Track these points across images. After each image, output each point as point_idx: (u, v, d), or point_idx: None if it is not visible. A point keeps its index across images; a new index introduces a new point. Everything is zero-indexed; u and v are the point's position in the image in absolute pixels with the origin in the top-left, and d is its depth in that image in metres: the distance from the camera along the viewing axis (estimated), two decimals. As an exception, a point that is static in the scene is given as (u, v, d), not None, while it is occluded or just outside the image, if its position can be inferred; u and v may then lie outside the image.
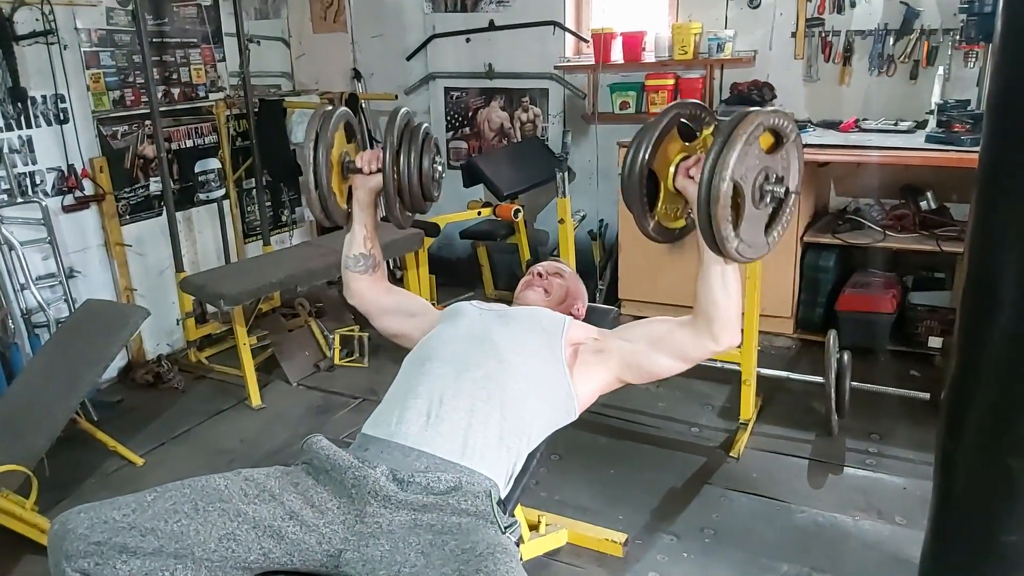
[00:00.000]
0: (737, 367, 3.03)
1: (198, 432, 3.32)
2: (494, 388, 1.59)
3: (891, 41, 3.71)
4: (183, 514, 1.34)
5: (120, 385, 3.76)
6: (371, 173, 1.80)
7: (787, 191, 1.54)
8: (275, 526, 1.38)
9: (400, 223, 1.87)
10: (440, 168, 1.83)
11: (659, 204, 1.63)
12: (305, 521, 1.40)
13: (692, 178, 1.52)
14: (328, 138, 1.74)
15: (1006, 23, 1.52)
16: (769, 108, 1.53)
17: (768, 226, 1.57)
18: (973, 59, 3.46)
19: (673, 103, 1.63)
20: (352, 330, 3.95)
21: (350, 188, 1.85)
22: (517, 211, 3.93)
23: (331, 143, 1.75)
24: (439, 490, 1.44)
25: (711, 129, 1.63)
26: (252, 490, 1.42)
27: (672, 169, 1.60)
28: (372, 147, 1.86)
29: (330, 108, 1.80)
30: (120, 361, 3.79)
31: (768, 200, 1.51)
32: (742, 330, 1.71)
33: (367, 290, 1.93)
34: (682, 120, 1.62)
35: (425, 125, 1.82)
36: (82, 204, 3.61)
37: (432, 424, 1.53)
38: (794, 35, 3.90)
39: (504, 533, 1.42)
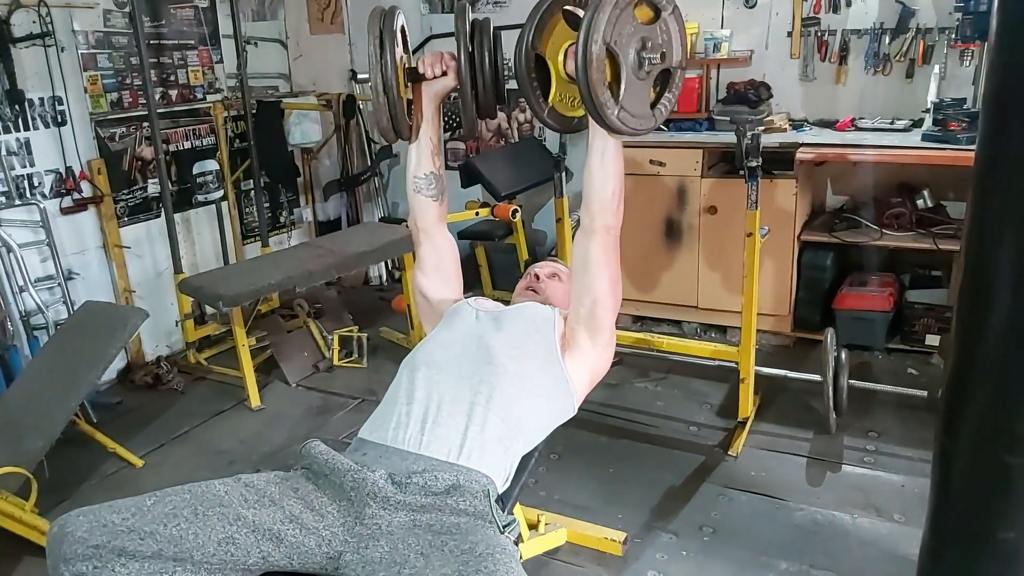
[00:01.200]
0: (735, 365, 3.04)
1: (197, 433, 3.32)
2: (491, 391, 1.59)
3: (887, 40, 3.72)
4: (182, 518, 1.33)
5: (119, 386, 3.76)
6: (435, 77, 1.71)
7: (663, 57, 1.53)
8: (274, 529, 1.37)
9: (473, 129, 1.77)
10: (510, 63, 1.70)
11: (552, 90, 1.66)
12: (305, 524, 1.40)
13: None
14: (394, 35, 1.60)
15: (1001, 21, 1.52)
16: None
17: (655, 101, 1.58)
18: (969, 57, 3.46)
19: None
20: (351, 331, 3.96)
21: (408, 100, 1.72)
22: (515, 211, 3.94)
23: (397, 40, 1.62)
24: (437, 490, 1.44)
25: None
26: (252, 495, 1.42)
27: (561, 56, 1.63)
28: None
29: (385, 8, 1.65)
30: (119, 363, 3.80)
31: (647, 68, 1.52)
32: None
33: (436, 223, 1.85)
34: (568, 9, 1.62)
35: (491, 21, 1.69)
36: (80, 206, 3.61)
37: (429, 429, 1.53)
38: (790, 34, 3.91)
39: (503, 532, 1.43)
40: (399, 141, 1.77)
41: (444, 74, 1.72)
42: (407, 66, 1.71)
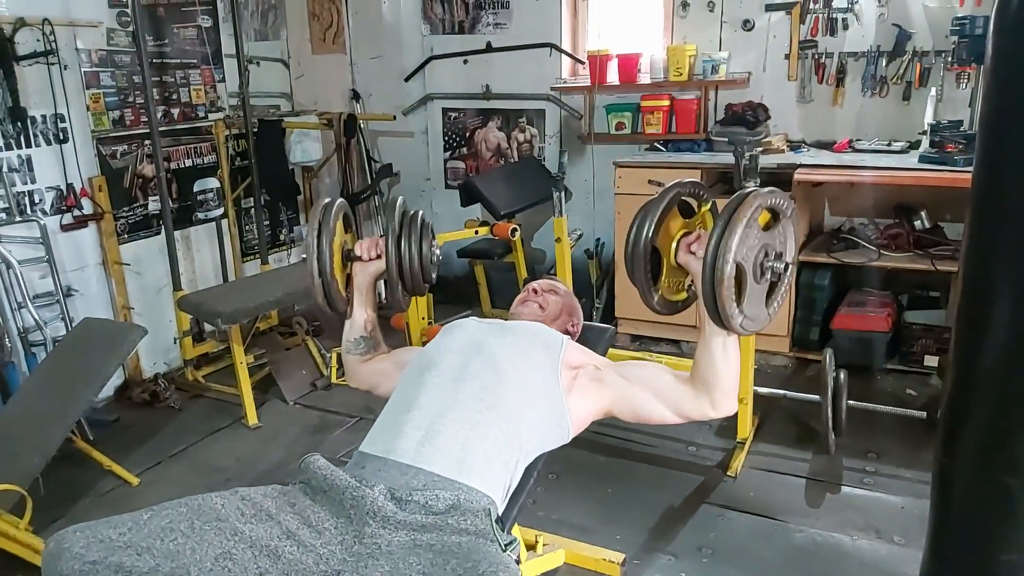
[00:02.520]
0: (734, 386, 3.03)
1: (194, 451, 3.31)
2: (493, 399, 1.59)
3: (884, 63, 3.75)
4: (179, 533, 1.33)
5: (116, 404, 3.74)
6: (371, 259, 1.88)
7: (786, 265, 1.60)
8: (272, 546, 1.37)
9: (401, 305, 1.96)
10: (438, 252, 1.92)
11: (662, 278, 1.69)
12: (302, 541, 1.39)
13: (694, 253, 1.59)
14: (330, 228, 1.81)
15: (996, 45, 1.54)
16: (765, 189, 1.57)
17: (768, 298, 1.62)
18: (965, 80, 3.49)
19: (673, 183, 1.67)
20: (349, 349, 3.95)
21: (348, 275, 1.92)
22: (514, 230, 3.95)
23: (333, 232, 1.82)
24: (438, 509, 1.43)
25: (708, 205, 1.71)
26: (249, 509, 1.41)
27: (674, 245, 1.66)
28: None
29: (328, 200, 1.88)
30: (117, 380, 3.78)
31: (769, 275, 1.57)
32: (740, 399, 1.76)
33: (367, 373, 1.98)
34: (685, 199, 1.68)
35: (421, 212, 1.91)
36: (80, 223, 3.62)
37: (429, 439, 1.53)
38: (788, 57, 3.94)
39: (504, 551, 1.42)
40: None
41: (379, 257, 1.87)
42: (347, 247, 1.91)
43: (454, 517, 1.42)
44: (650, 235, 1.60)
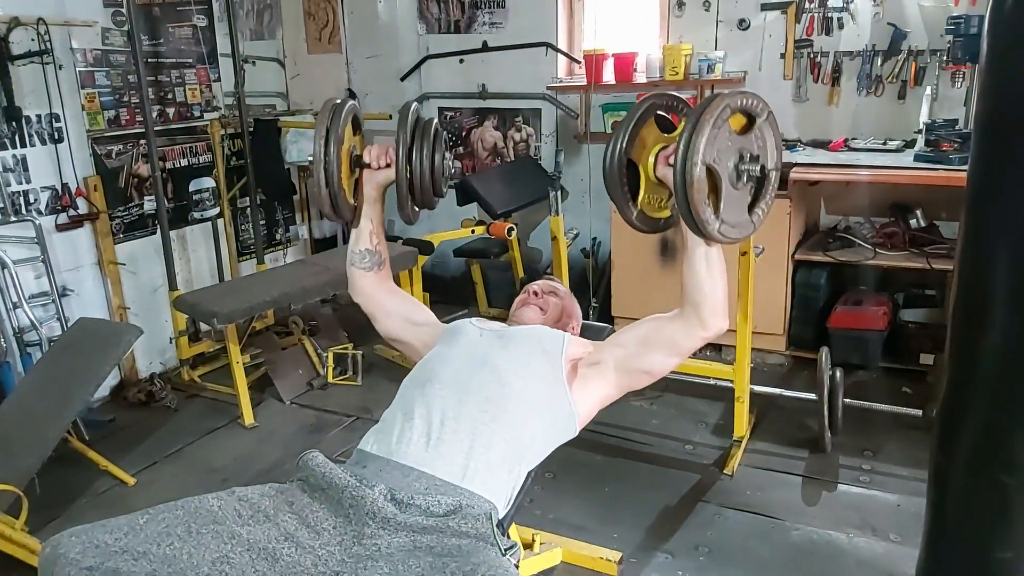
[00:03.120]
0: (730, 384, 3.04)
1: (190, 451, 3.30)
2: (497, 411, 1.58)
3: (879, 62, 3.76)
4: (176, 537, 1.32)
5: (112, 404, 3.74)
6: (380, 168, 1.79)
7: (763, 169, 1.55)
8: (270, 548, 1.36)
9: (409, 219, 1.84)
10: (450, 164, 1.82)
11: (641, 194, 1.66)
12: (301, 542, 1.38)
13: (672, 166, 1.53)
14: (339, 133, 1.71)
15: (991, 44, 1.55)
16: (735, 91, 1.53)
17: (752, 205, 1.59)
18: (960, 79, 3.50)
19: (649, 94, 1.65)
20: (346, 348, 3.95)
21: (356, 182, 1.83)
22: (511, 229, 3.95)
23: (342, 138, 1.72)
24: (438, 512, 1.42)
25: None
26: (246, 511, 1.40)
27: (651, 159, 1.63)
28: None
29: (337, 101, 1.77)
30: (112, 380, 3.78)
31: (746, 180, 1.53)
32: (733, 329, 1.71)
33: (372, 288, 1.91)
34: (659, 112, 1.64)
35: (435, 120, 1.80)
36: (76, 223, 3.61)
37: (433, 445, 1.51)
38: (783, 56, 3.95)
39: (504, 555, 1.41)
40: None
41: (388, 166, 1.79)
42: (355, 153, 1.81)
43: (454, 520, 1.41)
44: (624, 146, 1.57)
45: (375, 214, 1.86)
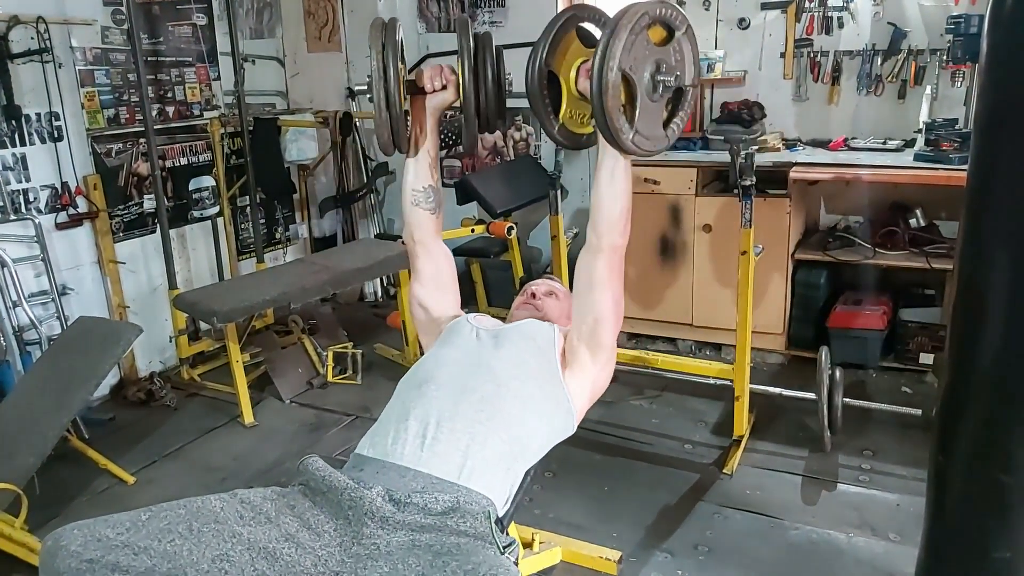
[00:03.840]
0: (730, 383, 3.04)
1: (190, 450, 3.30)
2: (493, 411, 1.58)
3: (879, 61, 3.76)
4: (177, 534, 1.32)
5: (112, 402, 3.74)
6: (435, 91, 1.71)
7: (678, 79, 1.54)
8: (270, 547, 1.36)
9: (473, 143, 1.79)
10: (511, 81, 1.72)
11: (563, 108, 1.65)
12: (301, 543, 1.39)
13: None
14: (397, 48, 1.57)
15: (991, 44, 1.54)
16: (656, 0, 1.51)
17: (668, 120, 1.58)
18: (960, 79, 3.51)
19: (571, 5, 1.66)
20: (345, 347, 3.95)
21: (405, 112, 1.69)
22: (510, 228, 3.95)
23: (400, 53, 1.60)
24: (437, 510, 1.42)
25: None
26: (248, 512, 1.41)
27: (573, 72, 1.62)
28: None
29: (388, 19, 1.63)
30: (112, 378, 3.78)
31: (662, 91, 1.52)
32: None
33: (433, 235, 1.84)
34: (583, 26, 1.64)
35: (491, 35, 1.69)
36: (75, 221, 3.61)
37: (429, 445, 1.52)
38: (783, 55, 3.95)
39: (503, 553, 1.41)
40: (396, 155, 1.76)
41: (444, 88, 1.71)
42: (406, 79, 1.68)
43: (453, 518, 1.41)
44: (544, 56, 1.56)
45: (432, 145, 1.76)
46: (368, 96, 1.59)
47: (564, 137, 1.68)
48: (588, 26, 1.68)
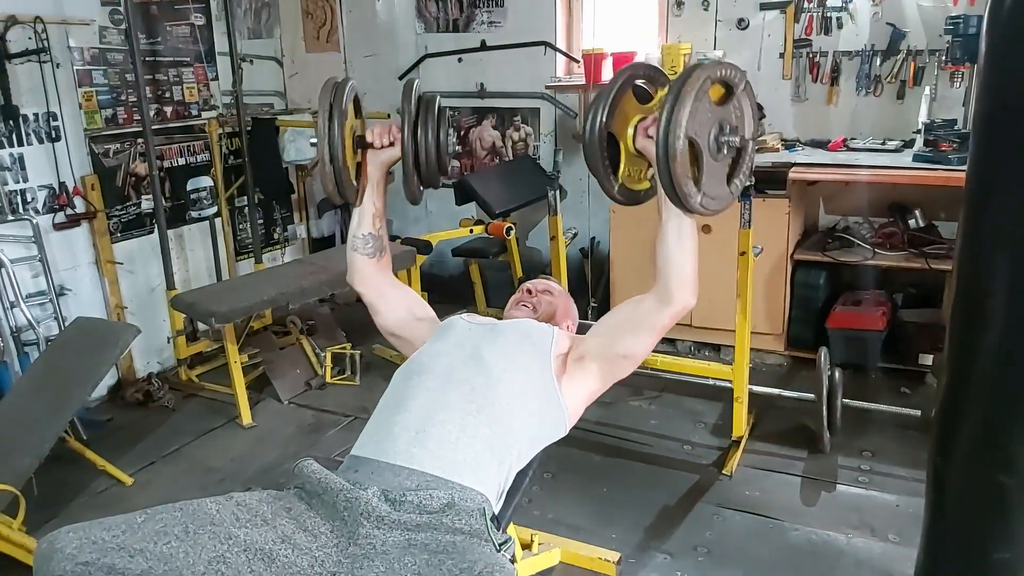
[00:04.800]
0: (729, 384, 3.04)
1: (188, 451, 3.29)
2: (483, 402, 1.59)
3: (878, 62, 3.75)
4: (173, 536, 1.32)
5: (110, 403, 3.73)
6: (383, 147, 1.78)
7: (742, 139, 1.55)
8: (266, 549, 1.36)
9: (415, 197, 1.83)
10: (455, 141, 1.80)
11: (621, 167, 1.66)
12: (297, 544, 1.39)
13: (651, 137, 1.53)
14: (343, 109, 1.68)
15: (989, 44, 1.54)
16: (713, 60, 1.53)
17: (730, 176, 1.59)
18: (959, 79, 3.50)
19: (626, 65, 1.65)
20: (344, 348, 3.95)
21: (358, 164, 1.81)
22: (509, 229, 3.95)
23: (346, 114, 1.69)
24: (432, 508, 1.43)
25: (665, 90, 1.62)
26: (244, 514, 1.40)
27: (631, 131, 1.63)
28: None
29: (339, 79, 1.74)
30: (110, 379, 3.77)
31: (726, 151, 1.53)
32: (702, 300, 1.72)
33: (375, 276, 1.90)
34: (637, 82, 1.64)
35: (438, 97, 1.77)
36: (73, 222, 3.60)
37: (420, 439, 1.52)
38: (782, 56, 3.95)
39: (499, 551, 1.41)
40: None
41: (391, 144, 1.78)
42: (357, 134, 1.78)
43: (449, 516, 1.42)
44: (604, 120, 1.56)
45: (378, 196, 1.84)
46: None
47: (623, 195, 1.69)
48: (641, 81, 1.69)
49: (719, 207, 1.58)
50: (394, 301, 1.93)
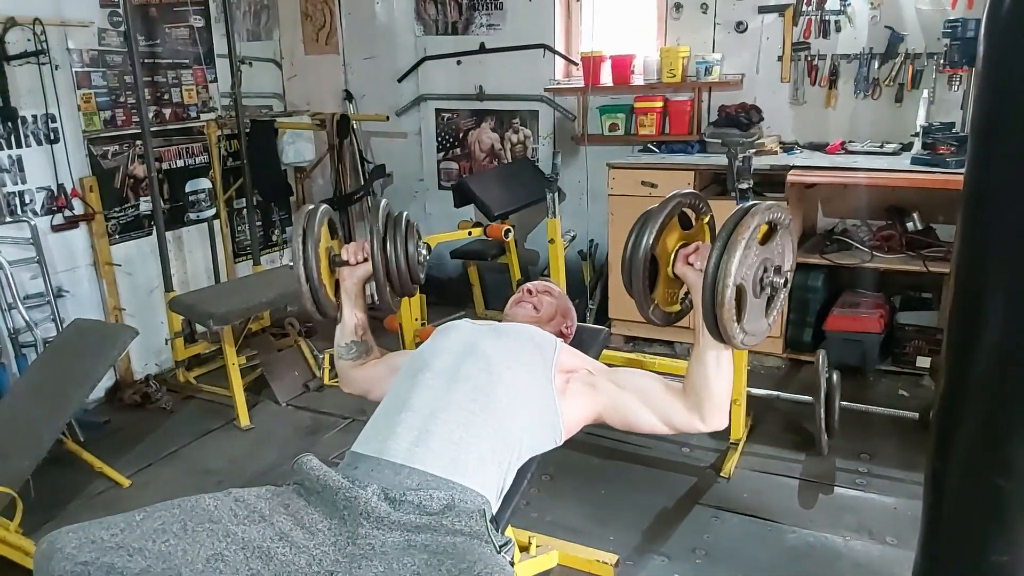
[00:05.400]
0: (727, 387, 3.04)
1: (186, 453, 3.29)
2: (485, 400, 1.59)
3: (876, 65, 3.76)
4: (171, 534, 1.32)
5: (107, 405, 3.73)
6: (357, 263, 1.89)
7: (785, 278, 1.58)
8: (264, 547, 1.36)
9: (391, 307, 1.97)
10: (424, 252, 1.92)
11: (658, 288, 1.67)
12: (295, 542, 1.39)
13: (691, 265, 1.58)
14: (315, 232, 1.81)
15: (987, 47, 1.54)
16: (765, 205, 1.53)
17: (767, 309, 1.61)
18: (957, 82, 3.51)
19: (674, 193, 1.66)
20: (342, 350, 3.94)
21: (337, 282, 1.92)
22: (507, 231, 3.95)
23: (318, 237, 1.82)
24: (432, 509, 1.43)
25: (707, 218, 1.70)
26: (242, 511, 1.41)
27: (672, 256, 1.65)
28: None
29: (311, 206, 1.88)
30: (108, 381, 3.77)
31: (770, 290, 1.56)
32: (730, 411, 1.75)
33: (361, 376, 1.98)
34: (685, 211, 1.68)
35: (406, 213, 1.91)
36: (71, 223, 3.60)
37: (422, 439, 1.52)
38: (780, 59, 3.95)
39: (499, 552, 1.41)
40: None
41: (366, 260, 1.87)
42: (333, 253, 1.91)
43: (448, 517, 1.42)
44: (651, 244, 1.59)
45: (358, 309, 1.94)
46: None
47: (657, 317, 1.70)
48: (689, 212, 1.72)
49: (756, 341, 1.60)
50: (381, 383, 1.95)
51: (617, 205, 3.89)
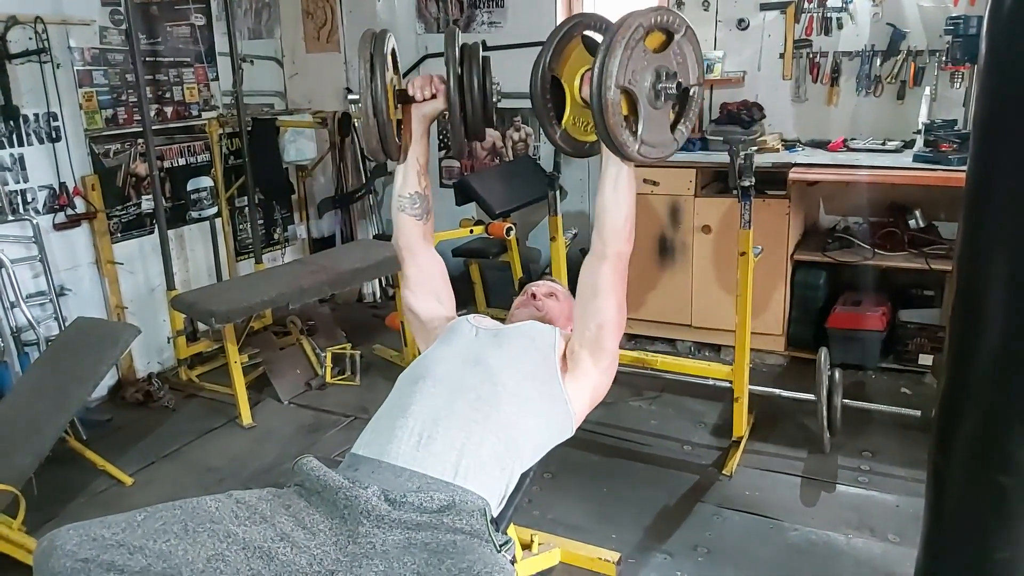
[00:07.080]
0: (729, 385, 3.04)
1: (188, 451, 3.30)
2: (489, 410, 1.58)
3: (878, 62, 3.76)
4: (172, 534, 1.32)
5: (110, 403, 3.73)
6: (424, 100, 1.73)
7: (679, 86, 1.53)
8: (265, 547, 1.36)
9: (462, 150, 1.82)
10: (499, 87, 1.72)
11: (567, 114, 1.66)
12: (296, 542, 1.38)
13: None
14: (384, 58, 1.60)
15: (990, 45, 1.54)
16: (648, 7, 1.50)
17: (674, 123, 1.58)
18: (959, 80, 3.50)
19: (576, 13, 1.66)
20: (344, 348, 3.95)
21: (398, 121, 1.73)
22: (509, 229, 3.94)
23: (388, 64, 1.63)
24: (432, 509, 1.42)
25: None
26: (243, 512, 1.40)
27: (577, 80, 1.63)
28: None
29: (378, 30, 1.66)
30: (110, 379, 3.77)
31: (664, 98, 1.52)
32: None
33: (419, 242, 1.86)
34: (588, 33, 1.64)
35: (480, 44, 1.70)
36: (73, 222, 3.60)
37: (424, 444, 1.51)
38: (782, 56, 3.95)
39: (499, 551, 1.41)
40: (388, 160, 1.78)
41: (434, 96, 1.74)
42: (397, 88, 1.72)
43: (448, 516, 1.41)
44: (547, 62, 1.56)
45: (422, 152, 1.80)
46: (359, 104, 1.63)
47: (566, 143, 1.68)
48: (592, 33, 1.68)
49: (660, 154, 1.56)
50: (428, 273, 1.90)
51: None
